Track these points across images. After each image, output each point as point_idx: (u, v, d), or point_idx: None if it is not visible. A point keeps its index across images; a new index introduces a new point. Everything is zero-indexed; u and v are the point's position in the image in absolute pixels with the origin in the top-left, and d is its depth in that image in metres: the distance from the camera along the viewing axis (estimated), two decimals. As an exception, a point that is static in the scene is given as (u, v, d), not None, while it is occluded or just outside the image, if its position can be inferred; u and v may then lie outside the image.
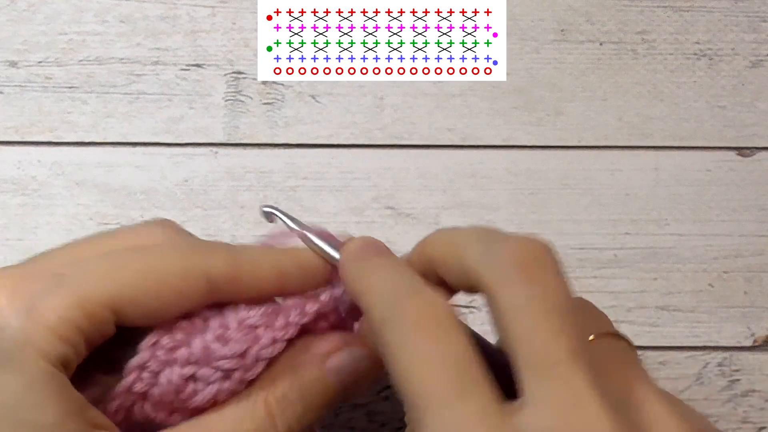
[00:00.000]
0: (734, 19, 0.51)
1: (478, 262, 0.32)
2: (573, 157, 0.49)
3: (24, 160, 0.47)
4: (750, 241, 0.49)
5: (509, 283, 0.31)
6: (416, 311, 0.31)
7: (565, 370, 0.29)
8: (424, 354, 0.30)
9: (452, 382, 0.30)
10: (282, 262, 0.37)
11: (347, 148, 0.49)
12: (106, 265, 0.35)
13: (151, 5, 0.49)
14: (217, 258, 0.36)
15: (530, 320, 0.30)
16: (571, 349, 0.29)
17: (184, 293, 0.35)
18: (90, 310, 0.33)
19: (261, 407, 0.35)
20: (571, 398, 0.29)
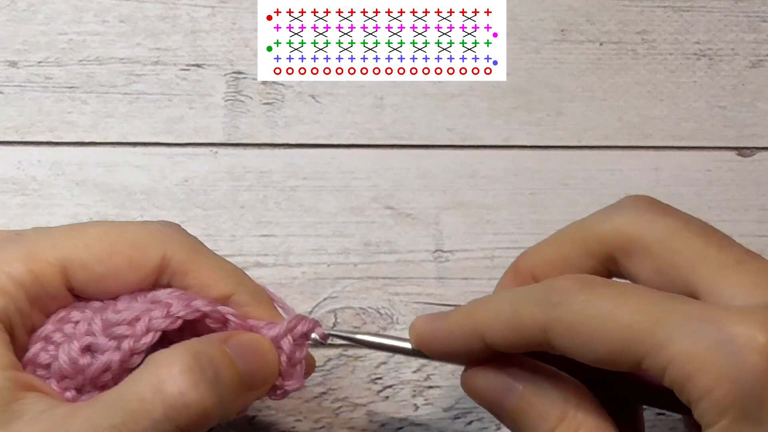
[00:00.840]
0: (734, 19, 0.51)
1: (605, 227, 0.36)
2: (573, 157, 0.49)
3: (24, 160, 0.47)
4: (750, 241, 0.49)
5: (656, 219, 0.35)
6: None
7: (753, 263, 0.33)
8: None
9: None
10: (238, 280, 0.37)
11: (347, 148, 0.49)
12: (65, 230, 0.36)
13: (151, 5, 0.49)
14: (179, 243, 0.36)
15: (694, 240, 0.34)
16: (742, 249, 0.34)
17: (136, 265, 0.35)
18: (36, 268, 0.34)
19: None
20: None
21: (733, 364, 0.29)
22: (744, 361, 0.29)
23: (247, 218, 0.47)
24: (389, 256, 0.47)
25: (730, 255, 0.33)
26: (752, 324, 0.30)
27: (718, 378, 0.29)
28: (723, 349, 0.30)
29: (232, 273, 0.38)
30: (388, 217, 0.48)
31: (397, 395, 0.45)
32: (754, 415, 0.29)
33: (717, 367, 0.29)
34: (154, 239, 0.36)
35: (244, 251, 0.47)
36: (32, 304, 0.34)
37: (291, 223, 0.47)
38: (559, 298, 0.33)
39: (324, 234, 0.47)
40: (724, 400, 0.29)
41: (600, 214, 0.37)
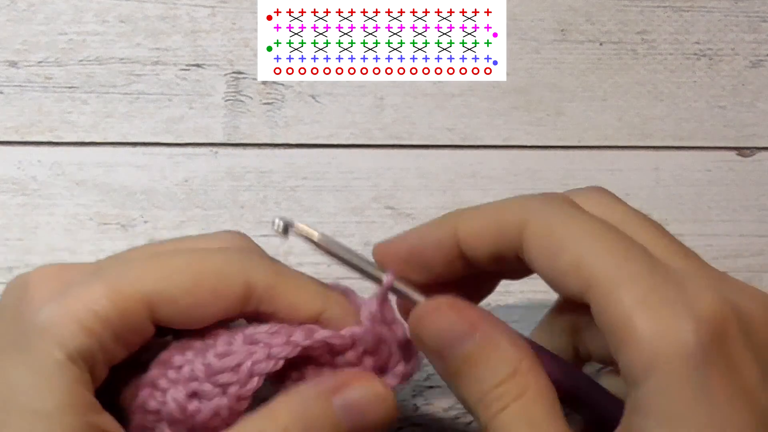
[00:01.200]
0: (734, 19, 0.51)
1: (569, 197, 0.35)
2: (573, 157, 0.49)
3: (24, 160, 0.47)
4: (750, 241, 0.49)
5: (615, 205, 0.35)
6: None
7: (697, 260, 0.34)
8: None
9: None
10: (324, 294, 0.36)
11: (347, 148, 0.49)
12: (146, 261, 0.35)
13: (151, 5, 0.49)
14: (261, 267, 0.35)
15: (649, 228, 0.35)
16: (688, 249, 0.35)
17: (221, 295, 0.34)
18: (122, 304, 0.33)
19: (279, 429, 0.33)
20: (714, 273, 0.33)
21: (682, 320, 0.30)
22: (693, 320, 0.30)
23: (247, 218, 0.47)
24: (389, 256, 0.47)
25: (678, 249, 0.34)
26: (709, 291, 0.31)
27: (662, 328, 0.30)
28: (676, 304, 0.30)
29: (316, 291, 0.36)
30: (388, 217, 0.48)
31: (397, 395, 0.45)
32: (693, 377, 0.29)
33: (664, 317, 0.30)
34: (236, 267, 0.35)
35: (244, 251, 0.47)
36: (116, 341, 0.33)
37: (291, 223, 0.47)
38: (545, 202, 0.34)
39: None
40: (663, 353, 0.29)
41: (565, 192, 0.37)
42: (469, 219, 0.35)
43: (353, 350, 0.36)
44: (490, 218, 0.34)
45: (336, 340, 0.35)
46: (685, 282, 0.31)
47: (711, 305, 0.30)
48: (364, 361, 0.36)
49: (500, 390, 0.33)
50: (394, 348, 0.37)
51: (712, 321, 0.30)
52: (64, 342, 0.32)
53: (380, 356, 0.36)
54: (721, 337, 0.30)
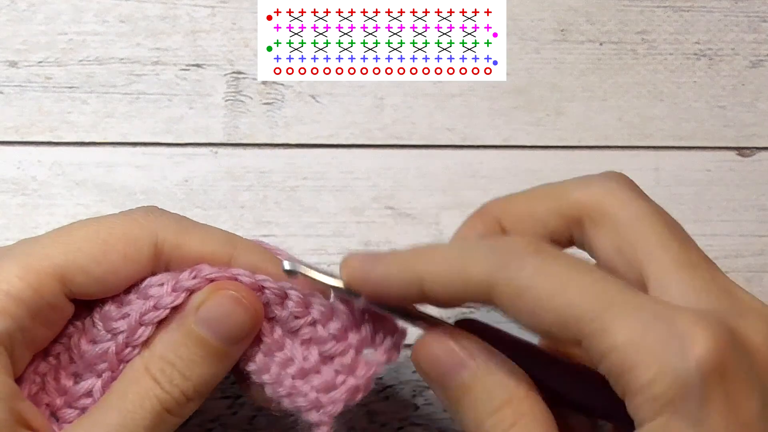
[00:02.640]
0: (734, 19, 0.51)
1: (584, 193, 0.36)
2: (573, 157, 0.49)
3: (24, 160, 0.47)
4: (750, 241, 0.49)
5: (632, 199, 0.35)
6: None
7: (708, 270, 0.33)
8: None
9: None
10: (235, 243, 0.37)
11: (347, 148, 0.49)
12: (54, 236, 0.35)
13: (151, 5, 0.49)
14: (166, 226, 0.36)
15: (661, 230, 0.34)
16: (702, 254, 0.34)
17: (131, 258, 0.35)
18: (34, 281, 0.33)
19: (142, 373, 0.35)
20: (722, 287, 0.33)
21: (678, 361, 0.29)
22: (689, 360, 0.29)
23: (247, 218, 0.47)
24: (389, 256, 0.47)
25: (689, 256, 0.34)
26: (701, 326, 0.30)
27: (662, 372, 0.29)
28: (670, 345, 0.30)
29: (224, 238, 0.38)
30: (388, 217, 0.48)
31: (397, 395, 0.45)
32: (693, 415, 0.29)
33: (662, 360, 0.30)
34: (142, 229, 0.36)
35: (244, 251, 0.47)
36: (33, 319, 0.34)
37: (291, 223, 0.47)
38: (511, 258, 0.32)
39: (324, 234, 0.47)
40: (665, 395, 0.29)
41: (580, 179, 0.37)
42: (434, 271, 0.34)
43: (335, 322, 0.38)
44: (456, 275, 0.33)
45: (221, 272, 0.37)
46: (678, 320, 0.30)
47: (705, 345, 0.30)
48: (349, 337, 0.38)
49: (496, 417, 0.34)
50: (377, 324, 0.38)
51: (708, 361, 0.30)
52: None
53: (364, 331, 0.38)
54: (719, 373, 0.30)
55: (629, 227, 0.34)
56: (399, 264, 0.35)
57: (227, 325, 0.36)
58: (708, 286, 0.33)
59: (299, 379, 0.37)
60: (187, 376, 0.35)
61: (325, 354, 0.38)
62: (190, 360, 0.35)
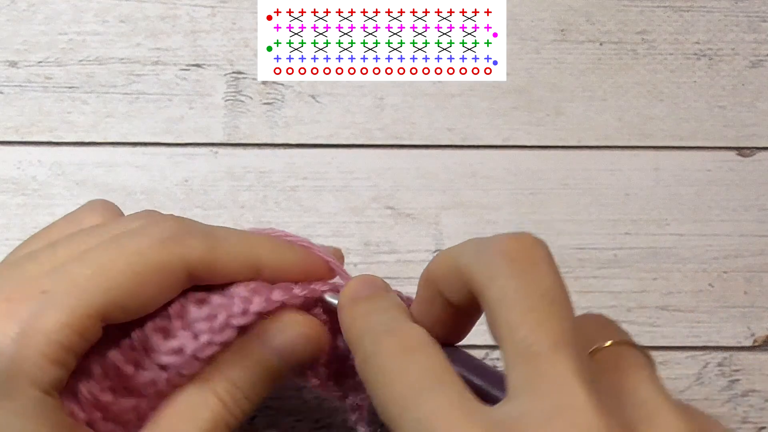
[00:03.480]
0: (734, 19, 0.51)
1: (468, 263, 0.32)
2: (573, 157, 0.49)
3: (24, 160, 0.47)
4: (750, 241, 0.49)
5: (498, 275, 0.31)
6: (391, 344, 0.32)
7: (549, 359, 0.29)
8: (397, 371, 0.31)
9: (425, 384, 0.30)
10: (260, 249, 0.38)
11: (347, 148, 0.49)
12: (88, 272, 0.34)
13: (151, 5, 0.49)
14: (194, 245, 0.36)
15: (516, 310, 0.30)
16: (557, 337, 0.29)
17: (166, 286, 0.35)
18: (80, 327, 0.33)
19: (211, 396, 0.36)
20: (553, 385, 0.28)
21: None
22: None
23: (247, 218, 0.47)
24: (389, 256, 0.47)
25: (533, 343, 0.30)
26: None
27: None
28: None
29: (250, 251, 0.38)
30: (388, 217, 0.48)
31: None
32: None
33: None
34: (174, 256, 0.35)
35: (244, 251, 0.47)
36: (77, 358, 0.34)
37: (291, 223, 0.47)
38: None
39: (324, 234, 0.47)
40: None
41: (475, 246, 0.34)
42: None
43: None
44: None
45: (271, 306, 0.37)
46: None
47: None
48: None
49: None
50: None
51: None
52: (38, 380, 0.32)
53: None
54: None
55: (490, 307, 0.31)
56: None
57: (294, 352, 0.37)
58: (530, 382, 0.29)
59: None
60: (250, 398, 0.36)
61: None
62: (255, 383, 0.36)
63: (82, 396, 0.36)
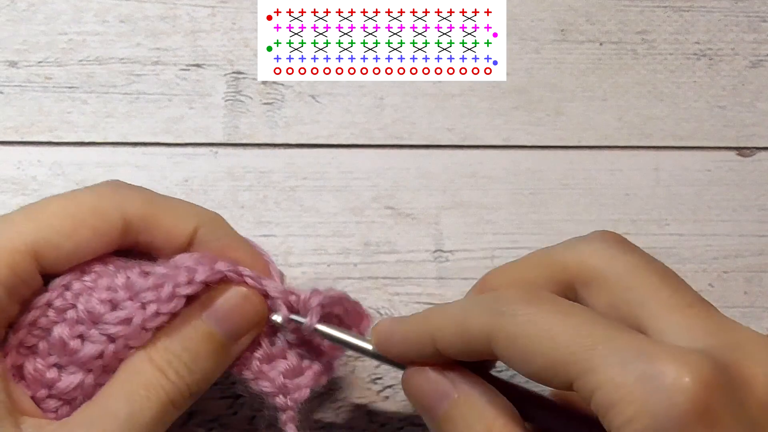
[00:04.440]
0: (734, 19, 0.51)
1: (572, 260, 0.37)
2: (573, 157, 0.49)
3: (24, 160, 0.47)
4: (750, 241, 0.49)
5: (618, 255, 0.35)
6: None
7: (702, 309, 0.34)
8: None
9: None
10: (199, 217, 0.38)
11: (347, 148, 0.49)
12: (23, 214, 0.36)
13: (151, 5, 0.49)
14: (134, 199, 0.37)
15: (655, 277, 0.35)
16: (693, 294, 0.35)
17: (100, 231, 0.36)
18: (9, 260, 0.34)
19: (147, 364, 0.36)
20: (727, 325, 0.33)
21: (656, 400, 0.30)
22: (667, 399, 0.30)
23: (247, 218, 0.47)
24: (389, 256, 0.47)
25: (682, 298, 0.34)
26: (682, 364, 0.30)
27: (641, 410, 0.30)
28: (649, 384, 0.30)
29: (188, 211, 0.39)
30: (388, 217, 0.48)
31: (397, 395, 0.45)
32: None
33: (641, 399, 0.30)
34: (111, 202, 0.36)
35: (244, 251, 0.47)
36: (10, 297, 0.34)
37: (291, 223, 0.47)
38: (505, 307, 0.33)
39: (324, 234, 0.47)
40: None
41: (568, 242, 0.38)
42: (442, 328, 0.36)
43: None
44: (459, 329, 0.35)
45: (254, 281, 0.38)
46: (661, 358, 0.31)
47: (686, 383, 0.30)
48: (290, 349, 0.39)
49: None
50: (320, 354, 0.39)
51: (687, 400, 0.30)
52: None
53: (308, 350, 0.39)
54: (699, 413, 0.30)
55: (618, 283, 0.35)
56: (414, 325, 0.37)
57: (235, 322, 0.37)
58: (702, 324, 0.33)
59: (265, 363, 0.38)
60: (193, 370, 0.36)
61: (292, 341, 0.39)
62: (196, 353, 0.36)
63: (27, 373, 0.36)
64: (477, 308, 0.34)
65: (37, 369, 0.36)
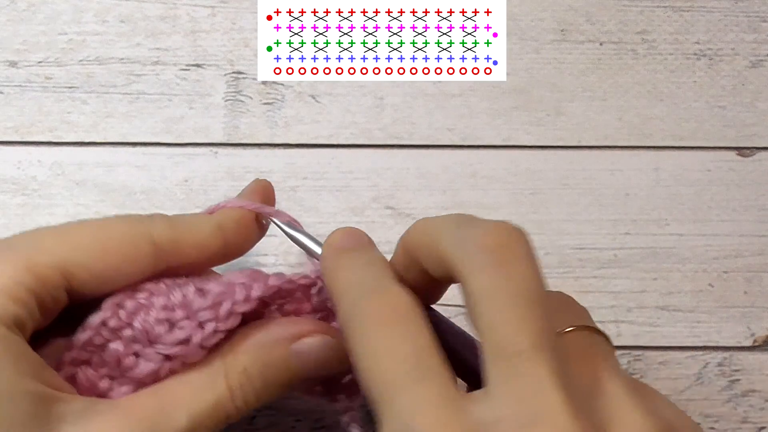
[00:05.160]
0: (734, 19, 0.51)
1: (450, 247, 0.32)
2: (573, 157, 0.49)
3: (24, 160, 0.47)
4: (750, 241, 0.49)
5: (478, 268, 0.31)
6: (377, 307, 0.32)
7: (527, 360, 0.29)
8: (383, 347, 0.31)
9: (410, 371, 0.30)
10: (218, 220, 0.39)
11: (347, 148, 0.49)
12: (54, 232, 0.36)
13: (151, 5, 0.49)
14: (157, 222, 0.37)
15: (497, 308, 0.30)
16: (536, 338, 0.29)
17: (131, 256, 0.36)
18: (40, 272, 0.34)
19: (222, 380, 0.35)
20: (530, 388, 0.28)
21: None
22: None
23: (247, 218, 0.47)
24: (389, 256, 0.47)
25: (511, 342, 0.29)
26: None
27: None
28: None
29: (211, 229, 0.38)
30: (388, 217, 0.48)
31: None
32: None
33: None
34: (139, 228, 0.37)
35: (244, 251, 0.47)
36: (39, 309, 0.34)
37: (291, 223, 0.47)
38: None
39: (324, 234, 0.47)
40: None
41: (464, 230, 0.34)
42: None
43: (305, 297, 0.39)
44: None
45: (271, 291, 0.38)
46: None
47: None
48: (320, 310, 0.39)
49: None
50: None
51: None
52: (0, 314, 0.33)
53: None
54: None
55: (470, 299, 0.31)
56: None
57: (319, 367, 0.37)
58: (508, 383, 0.29)
59: None
60: (260, 398, 0.36)
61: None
62: (271, 383, 0.36)
63: (79, 381, 0.36)
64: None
65: (89, 378, 0.36)
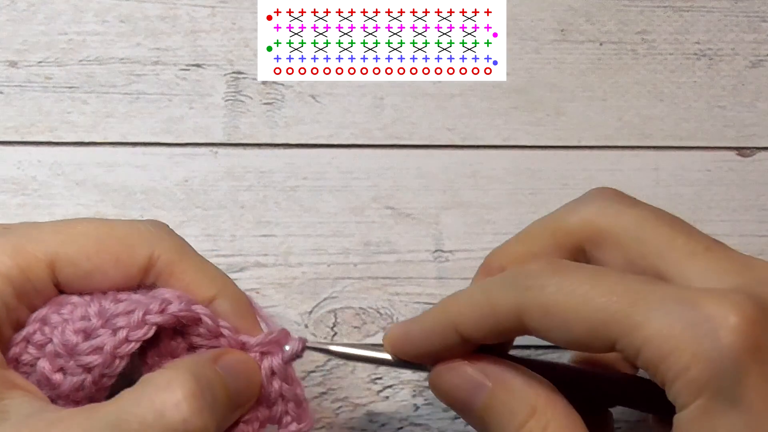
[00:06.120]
0: (734, 19, 0.51)
1: (574, 220, 0.36)
2: (573, 157, 0.49)
3: (24, 160, 0.47)
4: (750, 241, 0.49)
5: (624, 209, 0.35)
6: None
7: (720, 250, 0.34)
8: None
9: None
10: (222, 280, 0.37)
11: (347, 148, 0.49)
12: (53, 223, 0.36)
13: (151, 5, 0.49)
14: (166, 242, 0.36)
15: (661, 229, 0.34)
16: (709, 238, 0.35)
17: (123, 263, 0.35)
18: (23, 263, 0.34)
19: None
20: (740, 263, 0.33)
21: (708, 343, 0.30)
22: (719, 340, 0.30)
23: (247, 218, 0.47)
24: (389, 256, 0.47)
25: (698, 243, 0.34)
26: (726, 305, 0.30)
27: (694, 357, 0.30)
28: (698, 329, 0.30)
29: (216, 277, 0.38)
30: (388, 217, 0.48)
31: (397, 395, 0.45)
32: (729, 394, 0.30)
33: (693, 346, 0.30)
34: (142, 238, 0.36)
35: (244, 251, 0.47)
36: (19, 299, 0.34)
37: (291, 223, 0.47)
38: (531, 281, 0.33)
39: (324, 234, 0.47)
40: (700, 379, 0.30)
41: (567, 207, 0.37)
42: (464, 313, 0.35)
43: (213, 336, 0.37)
44: (484, 310, 0.34)
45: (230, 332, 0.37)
46: (703, 302, 0.31)
47: (734, 323, 0.30)
48: (259, 410, 0.37)
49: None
50: (290, 406, 0.38)
51: (738, 339, 0.30)
52: None
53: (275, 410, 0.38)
54: (752, 349, 0.30)
55: (630, 238, 0.35)
56: (432, 318, 0.36)
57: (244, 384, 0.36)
58: (725, 265, 0.33)
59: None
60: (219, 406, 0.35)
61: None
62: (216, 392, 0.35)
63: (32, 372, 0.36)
64: (500, 287, 0.34)
65: (41, 371, 0.36)
